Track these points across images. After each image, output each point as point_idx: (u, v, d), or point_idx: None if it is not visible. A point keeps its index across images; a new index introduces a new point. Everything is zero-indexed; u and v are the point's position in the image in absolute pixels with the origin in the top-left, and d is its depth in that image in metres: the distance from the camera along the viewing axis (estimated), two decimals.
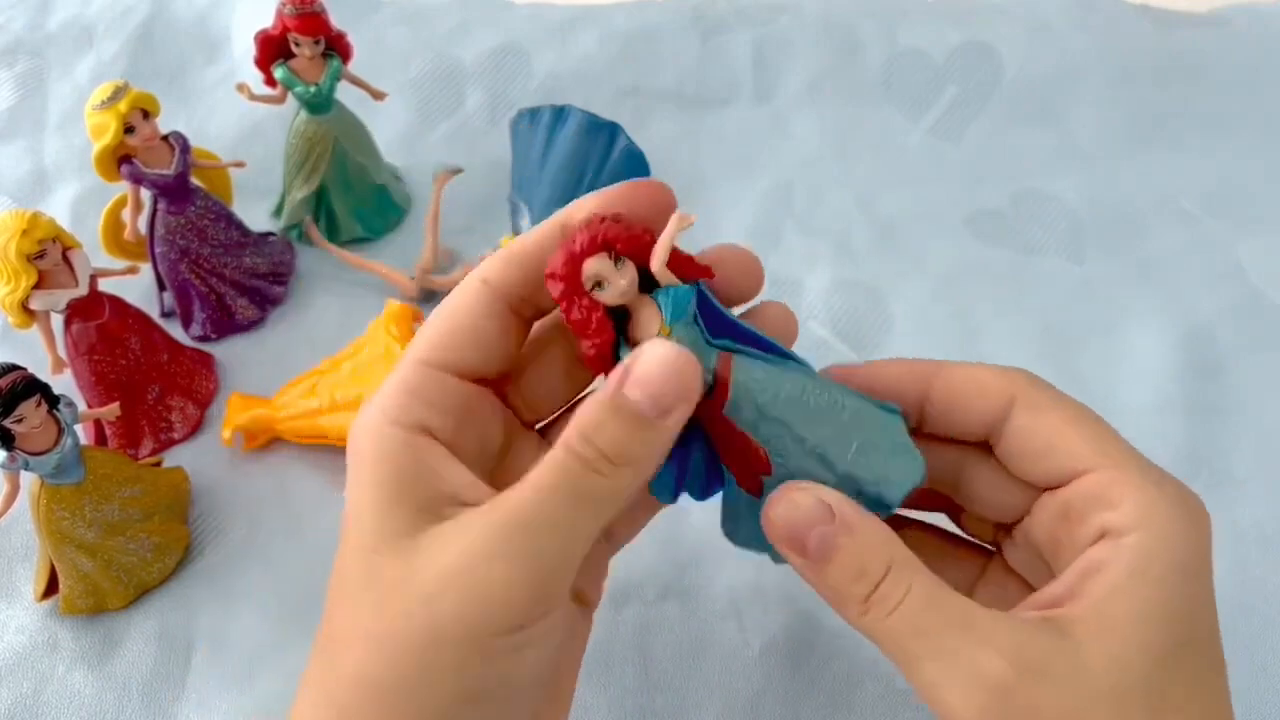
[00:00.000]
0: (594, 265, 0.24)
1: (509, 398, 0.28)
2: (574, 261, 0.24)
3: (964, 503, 0.28)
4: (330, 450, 0.42)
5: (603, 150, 0.49)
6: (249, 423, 0.41)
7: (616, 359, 0.25)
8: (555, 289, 0.25)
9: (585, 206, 0.25)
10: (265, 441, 0.42)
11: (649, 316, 0.25)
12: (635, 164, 0.50)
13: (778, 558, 0.27)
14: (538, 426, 0.29)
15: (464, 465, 0.25)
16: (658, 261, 0.25)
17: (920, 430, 0.27)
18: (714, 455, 0.27)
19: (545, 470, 0.23)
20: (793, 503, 0.25)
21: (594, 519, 0.24)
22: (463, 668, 0.22)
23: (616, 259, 0.24)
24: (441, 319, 0.26)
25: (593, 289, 0.24)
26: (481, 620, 0.22)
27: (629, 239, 0.24)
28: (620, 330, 0.25)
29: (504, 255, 0.26)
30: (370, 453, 0.24)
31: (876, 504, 0.26)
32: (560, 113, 0.50)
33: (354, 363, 0.41)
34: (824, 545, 0.24)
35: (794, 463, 0.26)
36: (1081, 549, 0.24)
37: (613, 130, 0.50)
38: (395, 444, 0.24)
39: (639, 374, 0.23)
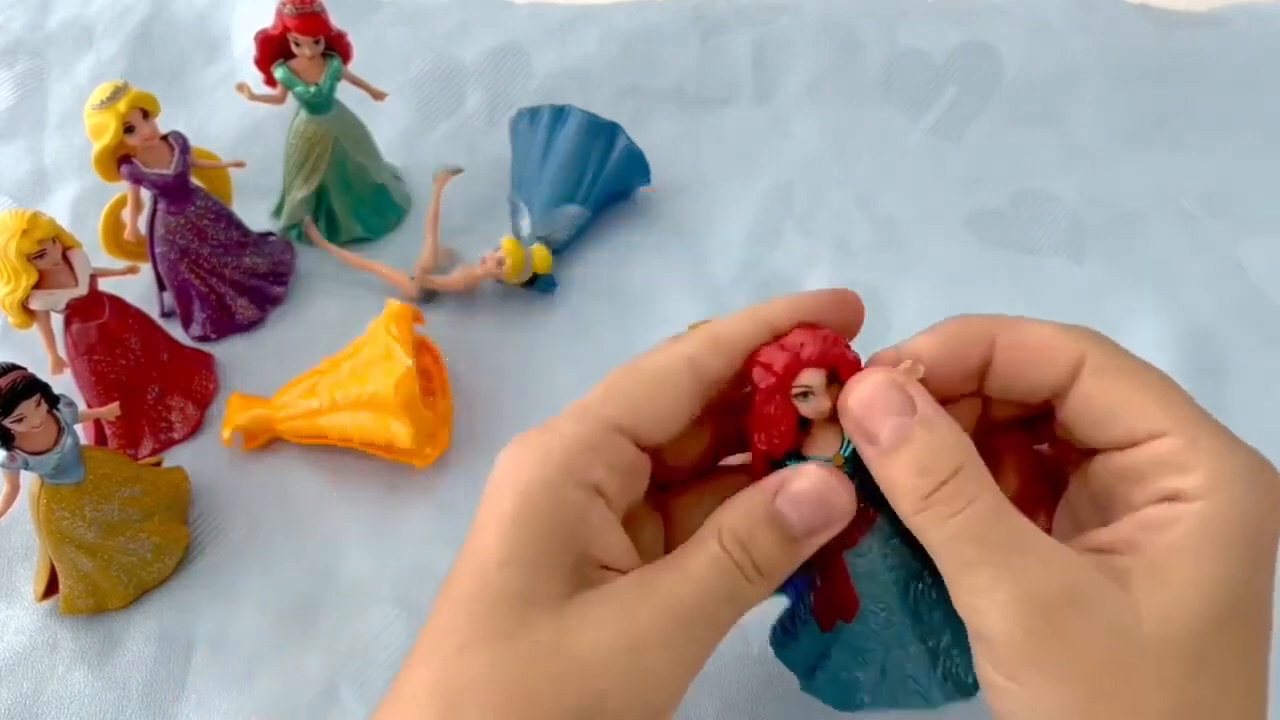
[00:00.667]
0: (810, 377, 0.25)
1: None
2: (795, 367, 0.25)
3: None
4: (330, 450, 0.42)
5: (603, 150, 0.49)
6: (249, 423, 0.41)
7: (780, 465, 0.26)
8: (764, 381, 0.25)
9: (792, 309, 0.26)
10: (265, 441, 0.42)
11: (829, 439, 0.26)
12: (635, 164, 0.51)
13: (808, 686, 0.29)
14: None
15: (622, 530, 0.25)
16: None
17: (981, 393, 0.27)
18: (807, 576, 0.28)
19: (705, 566, 0.24)
20: (876, 385, 0.25)
21: (734, 620, 0.25)
22: None
23: (830, 378, 0.25)
24: (642, 385, 0.26)
25: (797, 396, 0.25)
26: (639, 703, 0.23)
27: (848, 365, 0.25)
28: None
29: (711, 341, 0.26)
30: (544, 506, 0.24)
31: (920, 700, 0.28)
32: (560, 112, 0.50)
33: (354, 363, 0.41)
34: (897, 434, 0.24)
35: (871, 629, 0.27)
36: (1141, 504, 0.24)
37: (613, 130, 0.50)
38: (570, 504, 0.24)
39: (798, 491, 0.25)
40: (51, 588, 0.38)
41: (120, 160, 0.43)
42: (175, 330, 0.46)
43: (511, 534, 0.24)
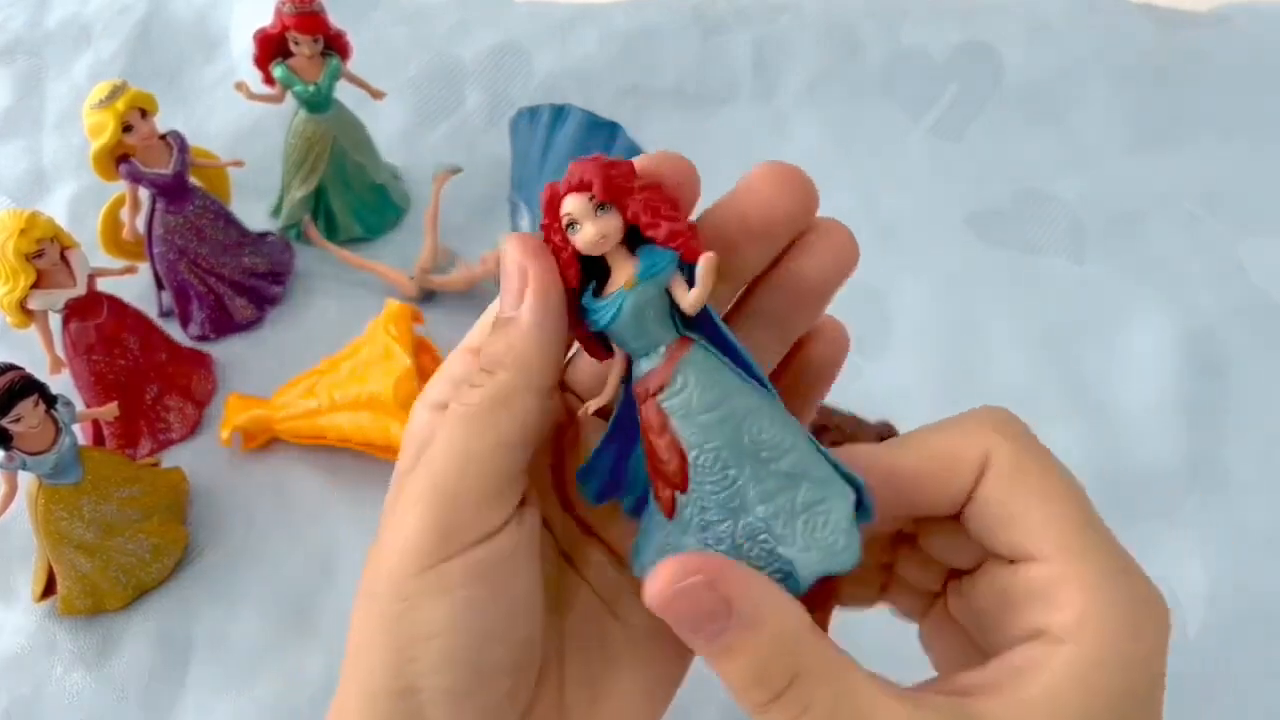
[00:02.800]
0: (571, 204, 0.22)
1: None
2: (553, 200, 0.22)
3: (919, 538, 0.25)
4: (329, 450, 0.42)
5: (602, 148, 0.49)
6: (248, 423, 0.41)
7: (584, 314, 0.22)
8: (542, 220, 0.22)
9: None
10: (264, 442, 0.42)
11: (620, 270, 0.22)
12: None
13: None
14: None
15: None
16: (691, 300, 0.22)
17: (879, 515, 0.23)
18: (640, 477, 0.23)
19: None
20: (681, 588, 0.20)
21: (491, 433, 0.21)
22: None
23: (599, 206, 0.22)
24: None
25: (567, 227, 0.22)
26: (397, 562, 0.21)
27: (613, 188, 0.22)
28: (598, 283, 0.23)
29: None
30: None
31: (784, 578, 0.22)
32: (560, 111, 0.50)
33: (353, 363, 0.41)
34: (719, 643, 0.20)
35: (710, 491, 0.22)
36: (1014, 637, 0.21)
37: (613, 129, 0.50)
38: None
39: (504, 267, 0.22)
40: (50, 588, 0.38)
41: (119, 159, 0.43)
42: (174, 330, 0.46)
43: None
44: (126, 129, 0.41)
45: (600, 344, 0.23)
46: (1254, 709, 0.36)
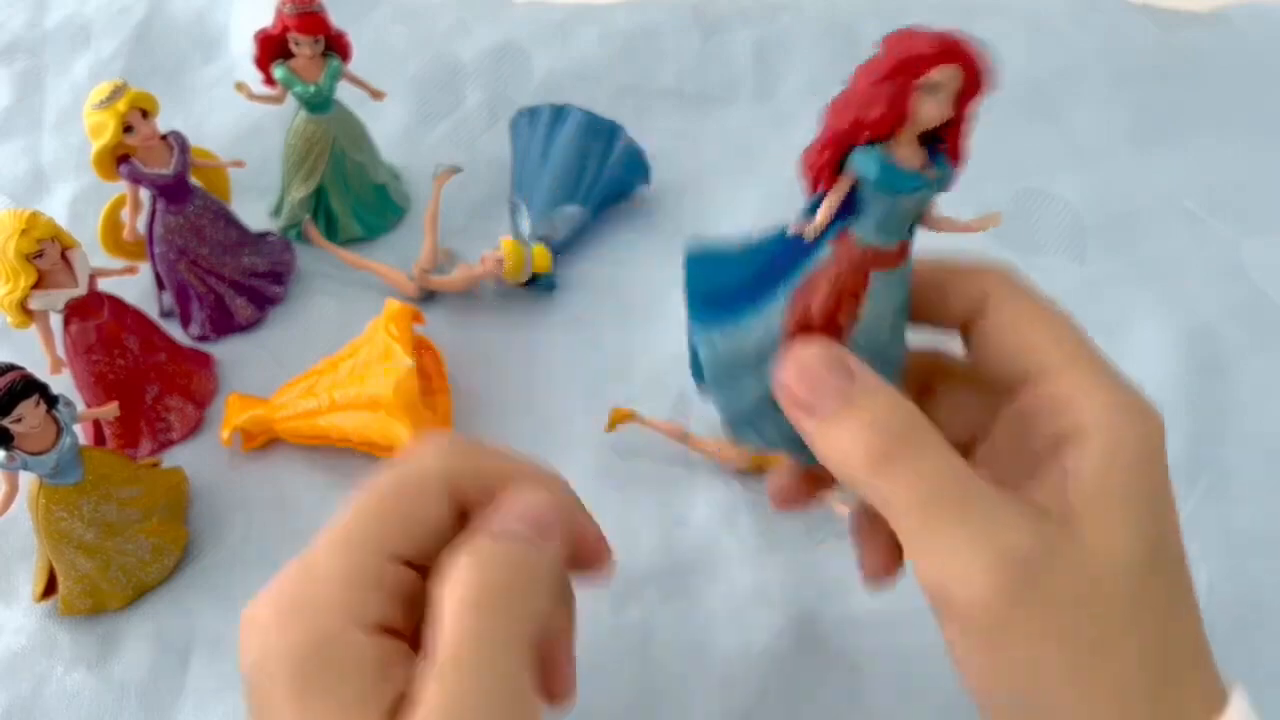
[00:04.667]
0: (945, 74, 0.23)
1: None
2: (920, 54, 0.24)
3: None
4: (329, 450, 0.42)
5: (603, 149, 0.49)
6: (248, 423, 0.41)
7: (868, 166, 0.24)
8: (904, 52, 0.24)
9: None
10: (264, 442, 0.42)
11: (913, 153, 0.24)
12: (635, 164, 0.50)
13: (778, 443, 0.26)
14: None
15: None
16: (958, 224, 0.26)
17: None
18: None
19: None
20: (813, 357, 0.23)
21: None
22: None
23: (957, 92, 0.24)
24: (404, 500, 0.25)
25: (926, 89, 0.23)
26: None
27: (979, 90, 0.24)
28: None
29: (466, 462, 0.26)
30: (329, 673, 0.21)
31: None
32: (560, 112, 0.50)
33: (353, 363, 0.41)
34: (841, 398, 0.23)
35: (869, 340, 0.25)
36: (1043, 449, 0.24)
37: (613, 129, 0.50)
38: (363, 657, 0.22)
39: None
40: (50, 588, 0.38)
41: (119, 160, 0.43)
42: (174, 330, 0.46)
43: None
44: (127, 129, 0.41)
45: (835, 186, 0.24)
46: (1252, 706, 0.36)
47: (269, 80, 0.46)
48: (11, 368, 0.33)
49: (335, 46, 0.46)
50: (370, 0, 0.61)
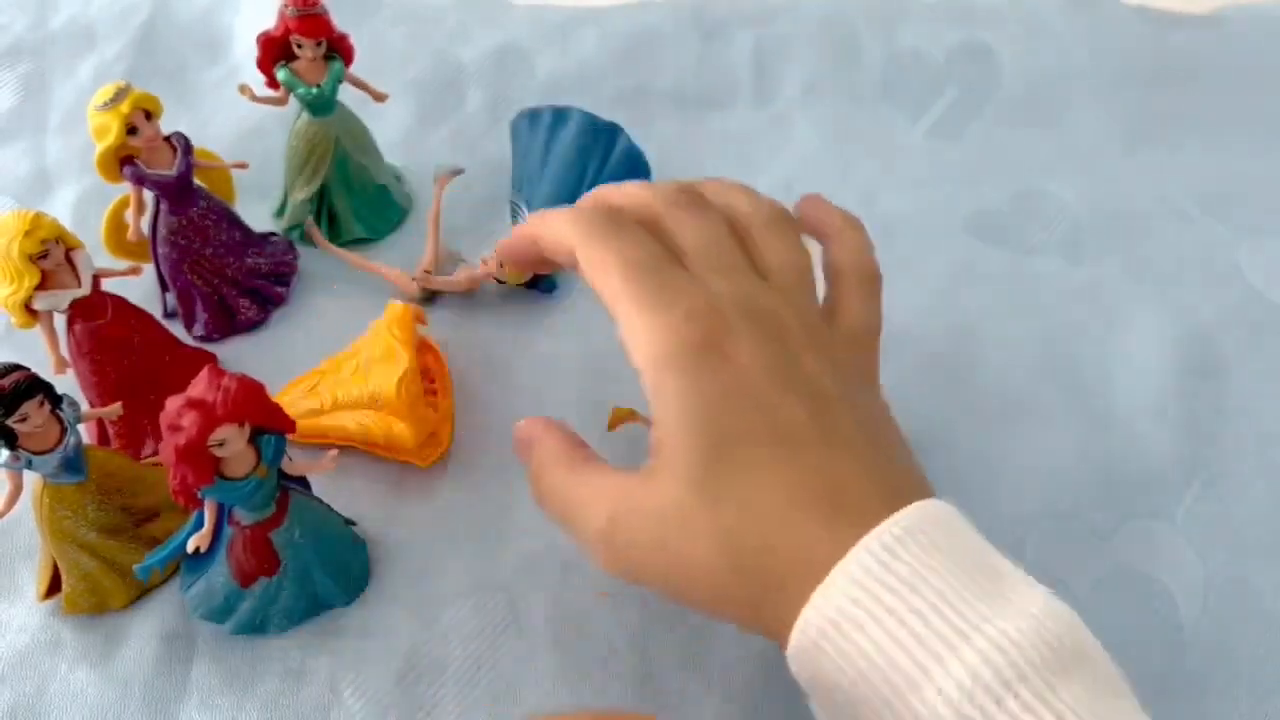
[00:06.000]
0: (226, 432, 0.32)
1: None
2: (209, 426, 0.31)
3: None
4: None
5: (603, 151, 0.50)
6: None
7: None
8: (179, 439, 0.32)
9: None
10: None
11: (245, 459, 0.33)
12: (636, 164, 0.51)
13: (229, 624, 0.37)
14: None
15: None
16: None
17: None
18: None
19: None
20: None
21: None
22: None
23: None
24: None
25: (214, 446, 0.32)
26: None
27: (260, 414, 0.33)
28: None
29: None
30: None
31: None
32: (561, 114, 0.50)
33: (356, 362, 0.42)
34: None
35: (293, 571, 0.36)
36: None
37: (613, 131, 0.50)
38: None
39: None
40: (54, 587, 0.38)
41: (123, 161, 0.43)
42: (177, 331, 0.46)
43: None
44: (131, 131, 0.42)
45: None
46: (1249, 707, 0.36)
47: (272, 82, 0.47)
48: (16, 368, 0.33)
49: (338, 49, 0.47)
50: (371, 3, 0.61)
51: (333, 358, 0.43)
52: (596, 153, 0.49)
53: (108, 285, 0.42)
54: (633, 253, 0.31)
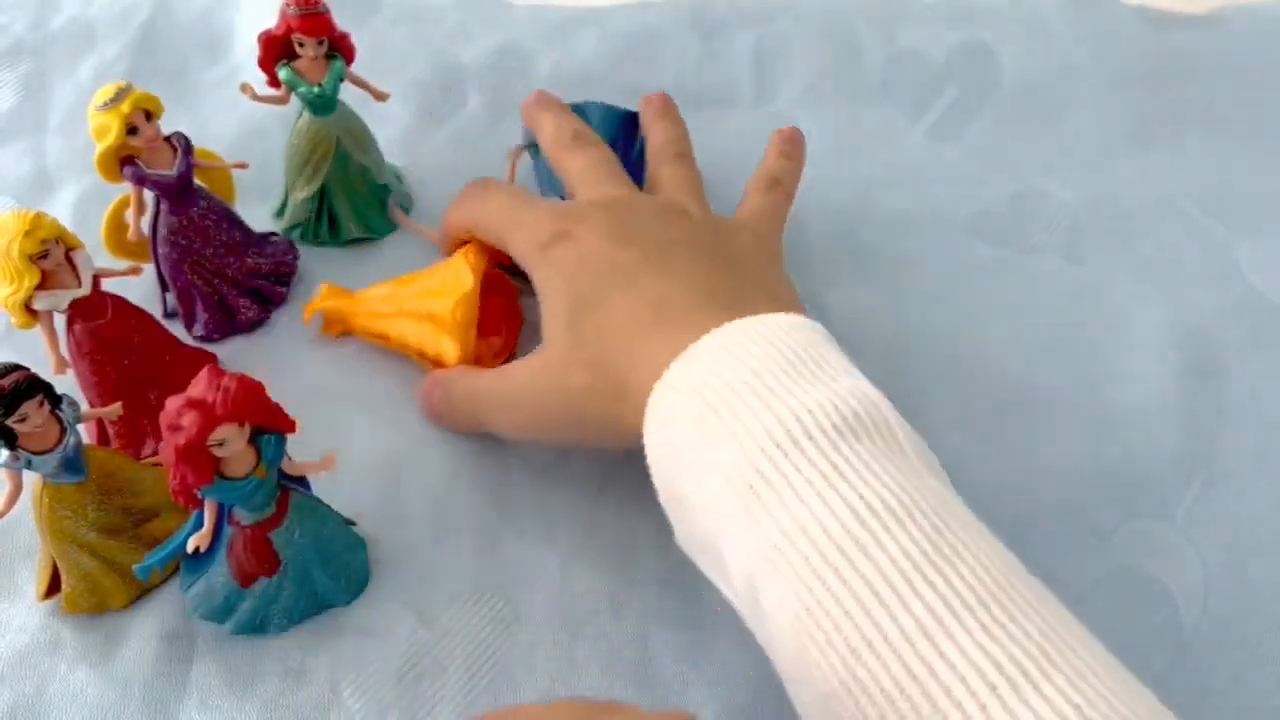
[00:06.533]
0: (226, 431, 0.32)
1: None
2: (209, 426, 0.31)
3: None
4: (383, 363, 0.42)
5: (628, 137, 0.49)
6: (329, 309, 0.45)
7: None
8: (180, 439, 0.32)
9: None
10: (341, 330, 0.46)
11: (245, 460, 0.33)
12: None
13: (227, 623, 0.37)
14: None
15: None
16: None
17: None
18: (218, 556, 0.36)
19: None
20: (424, 389, 0.43)
21: None
22: None
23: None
24: None
25: (214, 445, 0.32)
26: None
27: (258, 414, 0.33)
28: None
29: None
30: None
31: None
32: (579, 109, 0.49)
33: (427, 280, 0.44)
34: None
35: (292, 570, 0.36)
36: None
37: (635, 117, 0.50)
38: None
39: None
40: (54, 587, 0.38)
41: (123, 161, 0.43)
42: (177, 330, 0.46)
43: None
44: (131, 131, 0.42)
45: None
46: (1250, 707, 0.36)
47: (273, 81, 0.47)
48: (15, 368, 0.33)
49: (339, 48, 0.47)
50: (372, 3, 0.61)
51: (414, 273, 0.46)
52: (622, 140, 0.49)
53: (108, 285, 0.41)
54: (498, 200, 0.41)
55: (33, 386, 0.33)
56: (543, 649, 0.37)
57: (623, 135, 0.49)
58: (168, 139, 0.43)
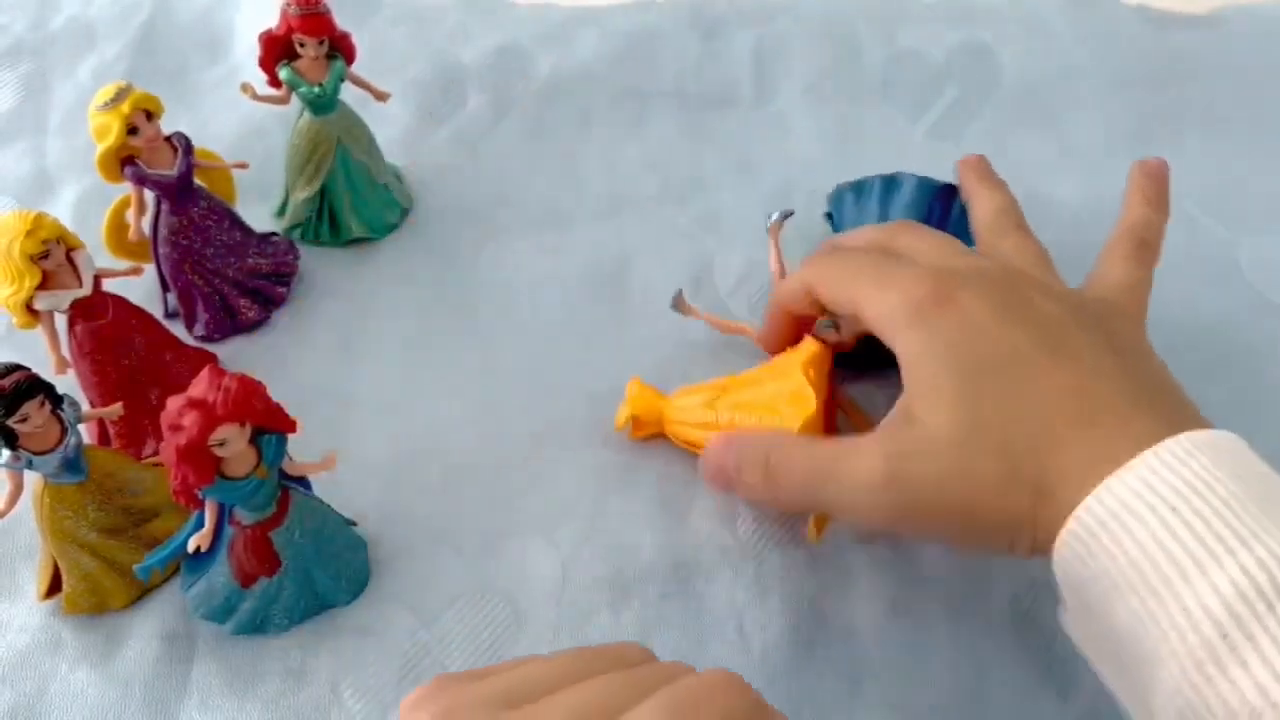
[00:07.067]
0: (227, 431, 0.32)
1: None
2: (210, 425, 0.31)
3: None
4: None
5: (942, 211, 0.46)
6: (643, 411, 0.42)
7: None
8: (181, 439, 0.32)
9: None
10: (653, 433, 0.42)
11: (246, 459, 0.33)
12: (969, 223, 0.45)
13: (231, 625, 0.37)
14: None
15: None
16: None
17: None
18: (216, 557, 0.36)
19: None
20: (708, 451, 0.37)
21: None
22: None
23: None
24: None
25: (215, 445, 0.32)
26: None
27: (257, 415, 0.33)
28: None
29: None
30: None
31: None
32: (891, 181, 0.47)
33: (758, 391, 0.40)
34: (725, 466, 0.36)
35: (293, 570, 0.36)
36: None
37: (951, 190, 0.46)
38: None
39: None
40: (54, 587, 0.38)
41: (123, 161, 0.43)
42: (178, 330, 0.46)
43: None
44: (132, 131, 0.42)
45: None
46: None
47: (274, 81, 0.47)
48: (16, 368, 0.33)
49: (339, 48, 0.47)
50: (371, 4, 0.61)
51: (737, 376, 0.41)
52: (937, 214, 0.46)
53: (109, 285, 0.42)
54: (859, 259, 0.37)
55: (33, 386, 0.33)
56: (543, 649, 0.37)
57: (939, 208, 0.46)
58: (168, 139, 0.43)
